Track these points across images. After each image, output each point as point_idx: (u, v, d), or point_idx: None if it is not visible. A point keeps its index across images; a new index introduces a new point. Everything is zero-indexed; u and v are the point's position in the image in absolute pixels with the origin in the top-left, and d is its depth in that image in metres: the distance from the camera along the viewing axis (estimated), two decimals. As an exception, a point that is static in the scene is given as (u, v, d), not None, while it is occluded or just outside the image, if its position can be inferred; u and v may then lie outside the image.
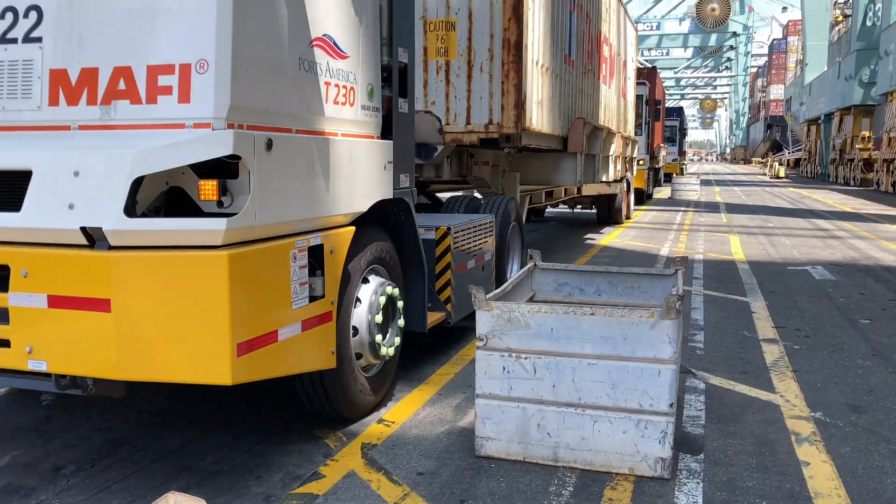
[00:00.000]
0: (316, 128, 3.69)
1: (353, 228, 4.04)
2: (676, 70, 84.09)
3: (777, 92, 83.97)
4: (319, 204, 3.73)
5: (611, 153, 12.05)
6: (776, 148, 72.51)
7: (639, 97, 19.40)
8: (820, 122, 47.74)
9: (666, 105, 34.88)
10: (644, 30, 59.30)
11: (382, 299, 4.34)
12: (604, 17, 11.63)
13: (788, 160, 61.30)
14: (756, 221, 17.56)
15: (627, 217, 17.10)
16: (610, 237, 13.88)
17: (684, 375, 5.24)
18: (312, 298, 3.67)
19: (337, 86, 3.85)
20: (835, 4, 52.47)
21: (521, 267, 7.02)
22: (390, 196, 4.49)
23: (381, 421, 4.41)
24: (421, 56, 6.68)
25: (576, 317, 3.67)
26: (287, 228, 3.50)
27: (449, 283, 5.46)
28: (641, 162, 20.32)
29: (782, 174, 48.67)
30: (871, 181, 35.27)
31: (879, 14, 36.57)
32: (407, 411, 4.57)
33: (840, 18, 54.93)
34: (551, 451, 3.76)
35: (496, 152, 8.12)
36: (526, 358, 3.75)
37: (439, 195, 8.06)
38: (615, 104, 13.15)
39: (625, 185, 15.96)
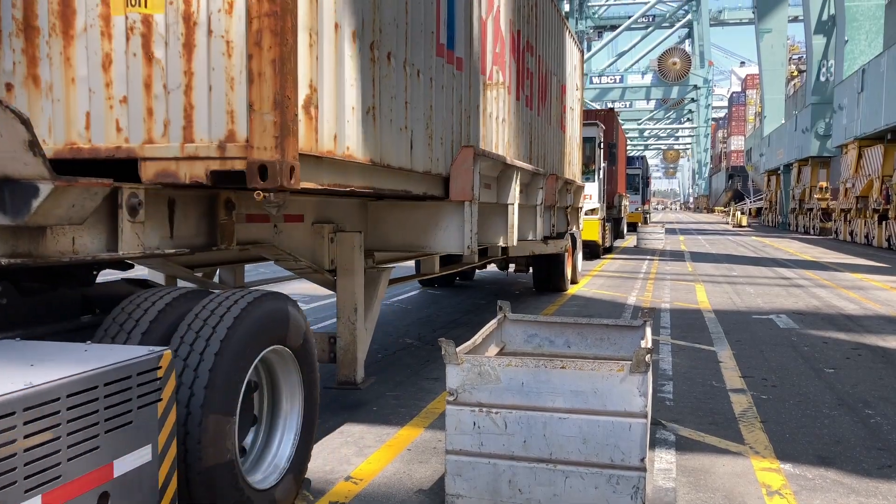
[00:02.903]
0: None
1: None
2: (640, 121, 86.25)
3: (738, 143, 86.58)
4: None
5: (538, 202, 8.57)
6: (738, 197, 74.34)
7: (591, 139, 17.15)
8: (779, 172, 49.09)
9: (629, 154, 35.24)
10: (607, 82, 60.98)
11: None
12: (526, 16, 8.38)
13: (750, 209, 62.89)
14: (720, 270, 17.82)
15: (574, 282, 13.95)
16: (578, 286, 13.96)
17: (654, 427, 5.22)
18: None
19: None
20: (790, 60, 54.52)
21: (304, 441, 3.93)
22: None
23: (348, 478, 4.31)
24: (97, 6, 3.38)
25: (546, 370, 3.66)
26: None
27: None
28: (595, 211, 18.53)
29: (744, 223, 49.73)
30: (829, 230, 36.20)
31: (832, 70, 38.05)
32: (375, 468, 4.48)
33: (795, 73, 57.06)
34: (523, 508, 3.70)
35: (317, 200, 5.05)
36: (497, 413, 3.72)
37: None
38: (546, 138, 9.87)
39: (569, 241, 12.78)
